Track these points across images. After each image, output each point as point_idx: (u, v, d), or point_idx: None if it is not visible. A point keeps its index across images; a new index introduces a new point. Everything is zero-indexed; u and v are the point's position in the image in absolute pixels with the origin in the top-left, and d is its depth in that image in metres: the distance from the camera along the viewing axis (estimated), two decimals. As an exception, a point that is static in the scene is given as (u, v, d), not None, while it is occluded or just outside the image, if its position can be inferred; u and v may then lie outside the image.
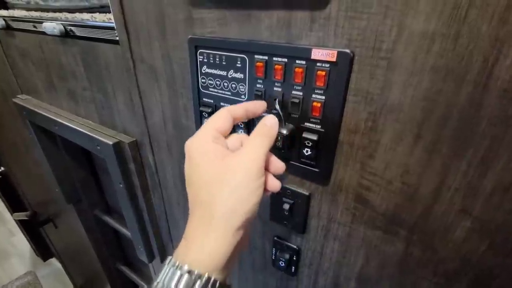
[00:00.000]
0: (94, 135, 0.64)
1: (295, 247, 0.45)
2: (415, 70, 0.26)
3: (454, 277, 0.32)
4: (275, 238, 0.47)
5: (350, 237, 0.38)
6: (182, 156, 0.53)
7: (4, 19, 0.74)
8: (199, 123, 0.45)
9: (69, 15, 0.61)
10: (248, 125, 0.39)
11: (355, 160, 0.33)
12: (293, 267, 0.47)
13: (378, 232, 0.36)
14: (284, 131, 0.34)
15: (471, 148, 0.26)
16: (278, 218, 0.44)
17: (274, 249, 0.48)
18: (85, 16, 0.58)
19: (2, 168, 1.66)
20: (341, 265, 0.41)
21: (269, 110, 0.36)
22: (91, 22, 0.54)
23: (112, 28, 0.50)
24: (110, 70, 0.55)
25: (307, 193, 0.39)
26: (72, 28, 0.57)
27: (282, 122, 0.35)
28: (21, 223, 1.96)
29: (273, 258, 0.49)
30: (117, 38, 0.49)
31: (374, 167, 0.32)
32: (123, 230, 0.99)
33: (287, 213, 0.42)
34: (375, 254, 0.37)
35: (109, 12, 0.48)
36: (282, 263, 0.47)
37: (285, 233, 0.46)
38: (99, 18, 0.55)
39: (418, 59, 0.25)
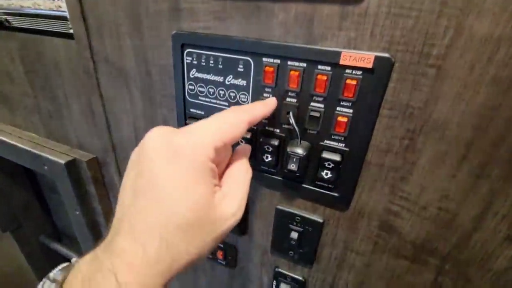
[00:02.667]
0: (39, 152, 0.51)
1: (301, 278, 0.39)
2: (470, 81, 0.22)
3: (488, 308, 0.29)
4: (276, 269, 0.41)
5: (369, 268, 0.34)
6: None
7: None
8: (184, 139, 0.37)
9: (3, 2, 0.48)
10: (251, 142, 0.32)
11: (384, 183, 0.28)
12: (298, 301, 0.41)
13: (403, 262, 0.31)
14: (301, 152, 0.28)
15: (526, 172, 0.23)
16: (281, 248, 0.38)
17: (275, 281, 0.42)
18: (25, 2, 0.45)
19: None
20: (356, 297, 0.37)
21: (281, 124, 0.30)
22: (34, 10, 0.42)
23: (63, 18, 0.39)
24: (61, 72, 0.44)
25: (320, 220, 0.33)
26: (8, 17, 0.44)
27: (297, 139, 0.29)
28: None
29: (273, 291, 0.42)
30: (71, 31, 0.38)
31: (406, 191, 0.28)
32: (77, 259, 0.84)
33: (294, 243, 0.36)
34: (398, 285, 0.33)
35: (59, -3, 0.38)
36: (285, 298, 0.41)
37: (289, 263, 0.40)
38: (44, 6, 0.43)
39: (476, 69, 0.21)
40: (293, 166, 0.29)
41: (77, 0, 0.36)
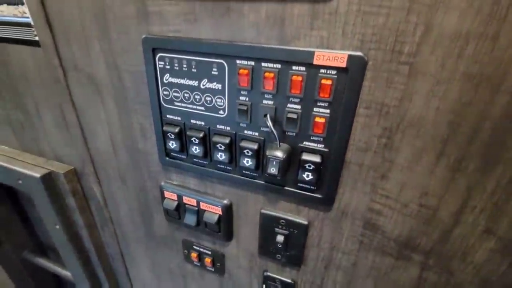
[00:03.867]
0: (12, 166, 0.48)
1: (290, 281, 0.39)
2: (442, 78, 0.21)
3: (472, 299, 0.30)
4: (265, 273, 0.40)
5: (355, 267, 0.34)
6: (140, 187, 0.43)
7: None
8: (162, 147, 0.36)
9: (-39, 7, 0.45)
10: (230, 147, 0.32)
11: (365, 182, 0.28)
12: (288, 303, 0.41)
13: (389, 259, 0.31)
14: (280, 155, 0.28)
15: (501, 165, 0.23)
16: (268, 252, 0.37)
17: (264, 285, 0.41)
18: (-14, 8, 0.43)
19: None
20: (345, 296, 0.36)
21: (259, 127, 0.29)
22: (-4, 17, 0.40)
23: (28, 25, 0.37)
24: (29, 81, 0.42)
25: (305, 222, 0.33)
26: (-34, 24, 0.41)
27: (276, 142, 0.28)
28: None
29: (263, 295, 0.42)
30: (37, 39, 0.37)
31: (387, 189, 0.28)
32: (65, 273, 0.81)
33: (280, 246, 0.35)
34: (385, 282, 0.33)
35: (22, 3, 0.36)
36: (275, 301, 0.40)
37: (278, 266, 0.39)
38: (7, 12, 0.41)
39: (448, 65, 0.21)
40: (273, 170, 0.28)
41: (41, 5, 0.34)
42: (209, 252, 0.43)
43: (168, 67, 0.30)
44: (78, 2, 0.31)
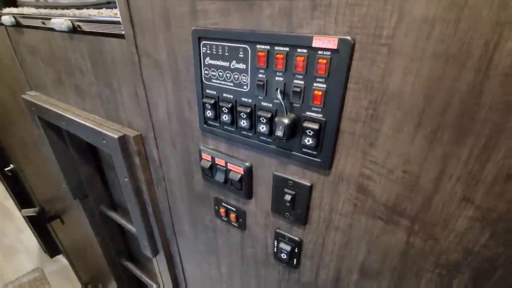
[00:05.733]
0: (100, 130, 0.65)
1: (296, 239, 0.45)
2: (415, 56, 0.26)
3: (456, 268, 0.32)
4: (277, 230, 0.47)
5: (351, 228, 0.38)
6: (185, 150, 0.54)
7: (14, 17, 0.76)
8: (202, 116, 0.46)
9: (76, 11, 0.62)
10: (251, 115, 0.39)
11: (357, 149, 0.33)
12: (295, 260, 0.47)
13: (379, 223, 0.35)
14: (286, 120, 0.34)
15: (472, 136, 0.26)
16: (279, 210, 0.44)
17: (275, 241, 0.48)
18: (92, 11, 0.59)
19: (12, 166, 1.70)
20: (343, 257, 0.41)
21: (272, 99, 0.36)
22: (98, 17, 0.55)
23: (118, 23, 0.51)
24: (115, 65, 0.56)
25: (308, 184, 0.39)
26: (80, 23, 0.58)
27: (284, 112, 0.35)
28: (30, 220, 1.99)
29: (275, 250, 0.49)
30: (123, 33, 0.50)
31: (375, 156, 0.32)
32: (128, 226, 1.00)
33: (288, 205, 0.42)
34: (377, 245, 0.37)
35: (115, 7, 0.49)
36: (284, 255, 0.47)
37: (287, 225, 0.46)
38: (105, 13, 0.56)
39: (419, 45, 0.25)
40: (279, 133, 0.35)
41: (127, 8, 0.47)
42: (234, 209, 0.52)
43: (208, 51, 0.40)
44: (151, 5, 0.43)
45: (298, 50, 0.32)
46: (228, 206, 0.52)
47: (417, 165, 0.30)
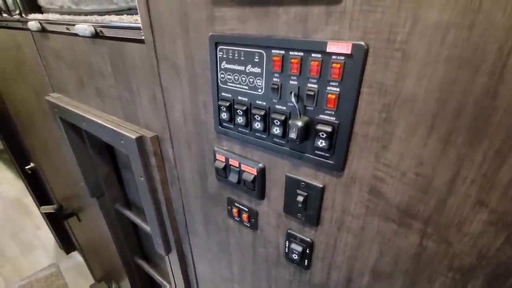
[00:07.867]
0: (119, 130, 0.67)
1: (308, 240, 0.46)
2: (429, 60, 0.26)
3: (470, 272, 0.32)
4: (289, 230, 0.48)
5: (363, 230, 0.39)
6: (200, 151, 0.56)
7: (39, 22, 0.80)
8: (217, 118, 0.47)
9: (99, 18, 0.65)
10: (265, 118, 0.41)
11: (370, 152, 0.34)
12: (306, 261, 0.48)
13: (391, 225, 0.36)
14: (299, 123, 0.35)
15: (487, 139, 0.26)
16: (291, 211, 0.45)
17: (287, 242, 0.49)
18: (114, 18, 0.62)
19: (32, 164, 1.77)
20: (355, 258, 0.42)
21: (286, 103, 0.38)
22: (119, 23, 0.58)
23: (138, 28, 0.53)
24: (135, 68, 0.59)
25: (321, 185, 0.40)
26: (102, 29, 0.61)
27: (298, 114, 0.36)
28: (47, 217, 2.07)
29: (286, 251, 0.50)
30: (143, 38, 0.52)
31: (388, 159, 0.33)
32: (142, 225, 1.03)
33: (300, 206, 0.43)
34: (389, 248, 0.37)
35: (136, 14, 0.52)
36: (295, 256, 0.48)
37: (299, 226, 0.46)
38: (126, 20, 0.58)
39: (433, 50, 0.26)
40: (293, 135, 0.36)
41: (147, 14, 0.49)
42: (246, 209, 0.53)
43: (225, 56, 0.41)
44: (170, 12, 0.45)
45: (313, 55, 0.33)
46: (241, 207, 0.54)
47: (430, 168, 0.30)
